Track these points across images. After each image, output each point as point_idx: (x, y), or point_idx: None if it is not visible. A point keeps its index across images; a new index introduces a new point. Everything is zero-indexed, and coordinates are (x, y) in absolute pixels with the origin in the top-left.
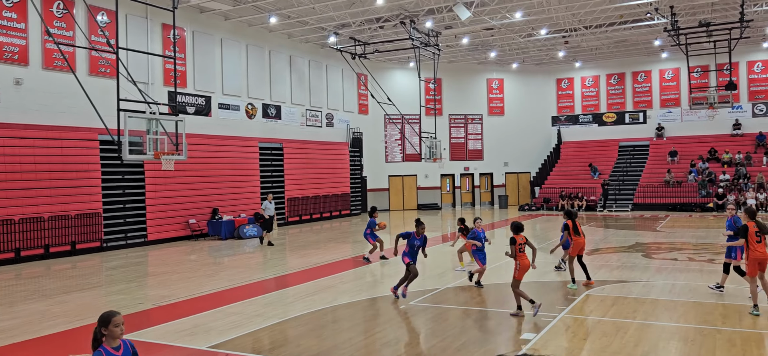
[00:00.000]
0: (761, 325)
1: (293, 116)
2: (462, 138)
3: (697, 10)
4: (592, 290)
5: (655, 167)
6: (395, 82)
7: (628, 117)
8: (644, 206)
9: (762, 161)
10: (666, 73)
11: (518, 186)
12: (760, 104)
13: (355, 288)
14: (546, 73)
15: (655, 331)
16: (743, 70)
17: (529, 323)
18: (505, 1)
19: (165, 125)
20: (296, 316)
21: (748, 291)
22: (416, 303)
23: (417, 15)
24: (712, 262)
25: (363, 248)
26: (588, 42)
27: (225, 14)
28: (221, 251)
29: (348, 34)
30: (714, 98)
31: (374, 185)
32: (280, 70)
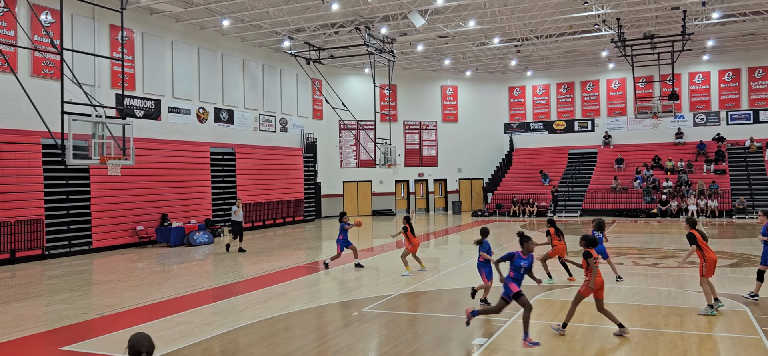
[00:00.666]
0: (702, 327)
1: (246, 120)
2: (416, 144)
3: (642, 22)
4: (542, 294)
5: (603, 173)
6: (350, 88)
7: (577, 125)
8: (592, 212)
9: (702, 169)
10: (613, 83)
11: (471, 192)
12: (701, 114)
13: (307, 295)
14: (498, 81)
15: (601, 334)
16: (685, 82)
17: (481, 328)
18: (459, 10)
19: (112, 128)
20: (247, 324)
21: (689, 294)
22: (369, 310)
23: (372, 21)
24: (655, 266)
25: (317, 255)
26: (539, 51)
27: (176, 16)
28: (170, 259)
29: (303, 39)
30: (658, 107)
31: (328, 191)
32: (233, 74)
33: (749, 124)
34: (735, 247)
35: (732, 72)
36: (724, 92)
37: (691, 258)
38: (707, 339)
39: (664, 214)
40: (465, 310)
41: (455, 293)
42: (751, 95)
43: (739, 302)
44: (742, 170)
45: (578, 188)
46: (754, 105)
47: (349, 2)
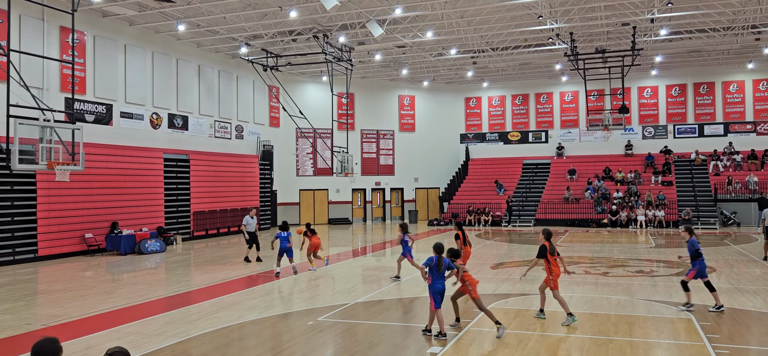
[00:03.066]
0: (649, 334)
1: (201, 127)
2: (374, 153)
3: (594, 37)
4: (497, 303)
5: (556, 184)
6: (308, 96)
7: (531, 136)
8: (545, 222)
9: (651, 180)
10: (566, 95)
11: (428, 201)
12: (650, 127)
13: (262, 304)
14: (455, 91)
15: (554, 342)
16: (635, 95)
17: (438, 337)
18: (417, 21)
19: (60, 133)
20: (199, 335)
21: (638, 302)
22: (324, 319)
23: (330, 30)
24: (606, 275)
25: (272, 263)
26: (495, 63)
27: (130, 20)
28: (120, 267)
29: (260, 46)
30: (609, 120)
31: (285, 198)
32: (188, 79)
33: (695, 137)
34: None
35: (679, 87)
36: (672, 106)
37: (535, 270)
38: (655, 346)
39: (614, 224)
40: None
41: (411, 302)
42: (697, 110)
43: (684, 310)
44: (687, 182)
45: (532, 198)
46: (699, 119)
47: (307, 10)
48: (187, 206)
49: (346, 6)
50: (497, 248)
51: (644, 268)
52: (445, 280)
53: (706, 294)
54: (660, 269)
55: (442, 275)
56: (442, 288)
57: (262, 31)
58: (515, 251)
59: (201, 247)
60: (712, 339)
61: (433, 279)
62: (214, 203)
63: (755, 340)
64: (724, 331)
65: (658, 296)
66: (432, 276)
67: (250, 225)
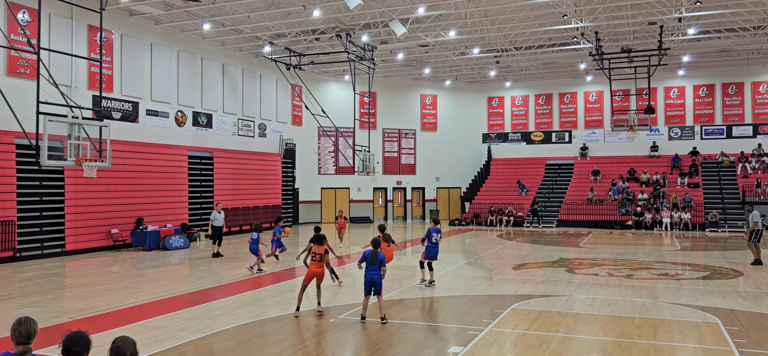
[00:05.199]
0: (674, 338)
1: (225, 125)
2: (395, 152)
3: (620, 36)
4: (518, 304)
5: (579, 185)
6: (330, 95)
7: (554, 136)
8: (568, 223)
9: (677, 182)
10: (590, 95)
11: (449, 201)
12: (676, 128)
13: (283, 302)
14: (478, 91)
15: (576, 344)
16: (661, 96)
17: (457, 336)
18: (440, 20)
19: (88, 130)
20: (222, 330)
21: (662, 305)
22: (345, 317)
23: (353, 29)
24: (630, 277)
25: (293, 261)
26: (518, 63)
27: (156, 19)
28: (145, 263)
29: (283, 45)
30: (634, 120)
31: (306, 197)
32: (213, 77)
33: (722, 139)
34: (707, 260)
35: (706, 88)
36: (699, 107)
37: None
38: (680, 350)
39: (639, 226)
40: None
41: (431, 301)
42: (725, 111)
43: (711, 314)
44: (715, 184)
45: (555, 199)
46: (727, 120)
47: (330, 9)
48: (211, 203)
49: (369, 5)
50: (519, 249)
51: (669, 271)
52: (378, 271)
53: (734, 299)
54: (685, 272)
55: (375, 266)
56: (372, 279)
57: (286, 30)
58: (537, 252)
59: (224, 244)
60: (739, 344)
61: (366, 269)
62: (237, 201)
63: None
64: (752, 336)
65: (684, 299)
66: (365, 266)
67: (218, 220)
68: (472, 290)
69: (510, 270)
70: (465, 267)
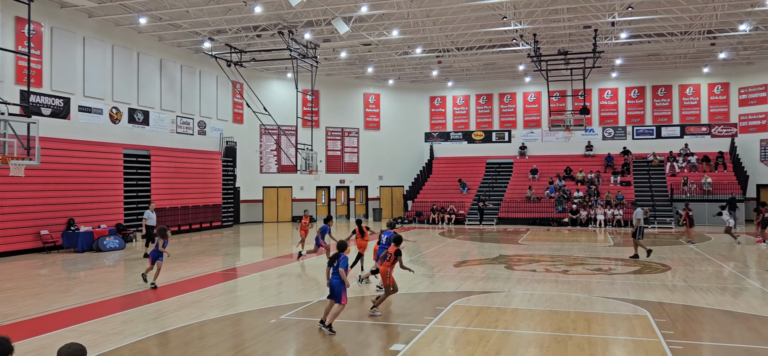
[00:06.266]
0: (607, 331)
1: (163, 122)
2: (338, 151)
3: (557, 39)
4: (459, 300)
5: (518, 183)
6: (272, 92)
7: (494, 136)
8: (508, 221)
9: (610, 180)
10: (529, 96)
11: (392, 199)
12: (609, 128)
13: (224, 303)
14: (420, 90)
15: (514, 339)
16: (595, 97)
17: (400, 334)
18: (383, 19)
19: (15, 126)
20: (159, 333)
21: (596, 299)
22: (288, 317)
23: (296, 26)
24: (566, 273)
25: (234, 261)
26: (460, 63)
27: (89, 11)
28: (77, 265)
29: (223, 41)
30: (570, 121)
31: (248, 196)
32: (149, 73)
33: (652, 139)
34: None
35: (637, 90)
36: (631, 108)
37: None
38: (612, 342)
39: (575, 223)
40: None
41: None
42: (655, 112)
43: (641, 307)
44: (645, 183)
45: (495, 197)
46: (657, 121)
47: (272, 6)
48: (148, 203)
49: (312, 2)
50: (460, 246)
51: (603, 266)
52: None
53: (662, 293)
54: (618, 267)
55: (335, 270)
56: (331, 283)
57: (226, 26)
58: (477, 250)
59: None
60: (667, 335)
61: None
62: (175, 200)
63: (707, 336)
64: (679, 328)
65: (616, 294)
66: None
67: (151, 219)
68: (414, 288)
69: (451, 267)
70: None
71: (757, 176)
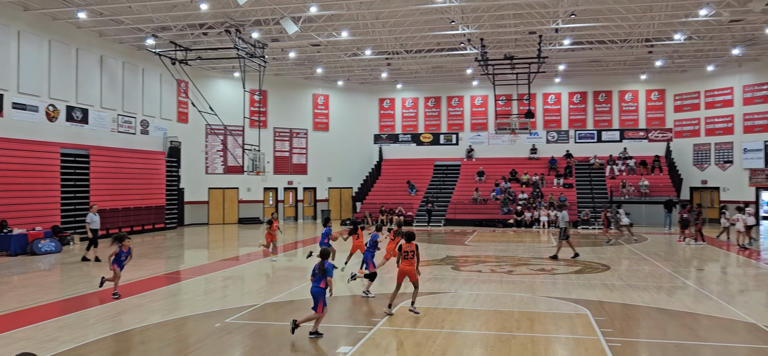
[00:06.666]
0: (550, 330)
1: (103, 120)
2: (286, 152)
3: (504, 44)
4: (407, 301)
5: (465, 185)
6: (218, 92)
7: (442, 138)
8: (455, 222)
9: (553, 183)
10: (476, 99)
11: (341, 201)
12: (553, 132)
13: (167, 307)
14: (370, 92)
15: (460, 339)
16: (540, 101)
17: (347, 336)
18: (332, 20)
19: None
20: (98, 339)
21: (539, 299)
22: (232, 321)
23: (243, 25)
24: (511, 273)
25: (178, 264)
26: (408, 65)
27: (24, 4)
28: (9, 269)
29: (168, 38)
30: (515, 124)
31: (193, 197)
32: (89, 70)
33: (594, 143)
34: (580, 256)
35: (580, 95)
36: (573, 113)
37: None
38: (554, 340)
39: (520, 224)
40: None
41: None
42: (596, 116)
43: (582, 306)
44: (586, 185)
45: (443, 199)
46: (597, 126)
47: (219, 3)
48: (86, 204)
49: (260, 1)
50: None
51: (546, 267)
52: (318, 284)
53: (602, 292)
54: (560, 267)
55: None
56: (314, 291)
57: (171, 23)
58: (425, 251)
59: (101, 247)
60: (606, 333)
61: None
62: (116, 201)
63: (644, 333)
64: (617, 326)
65: (558, 293)
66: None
67: (94, 222)
68: (362, 289)
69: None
70: (355, 267)
71: (690, 179)
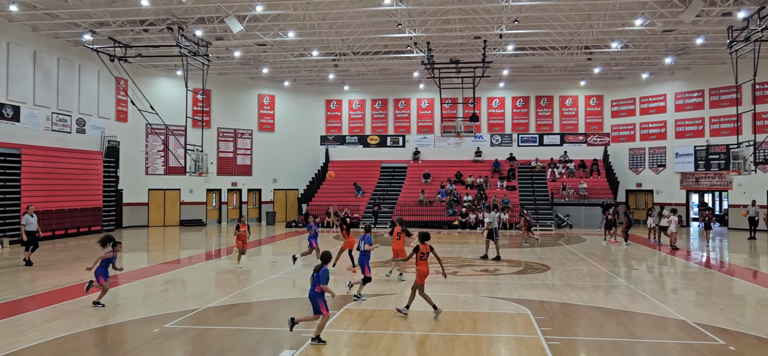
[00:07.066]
0: (492, 330)
1: (36, 119)
2: (231, 153)
3: (450, 48)
4: (352, 304)
5: (412, 187)
6: (160, 90)
7: (389, 140)
8: (401, 224)
9: (497, 185)
10: (423, 102)
11: (286, 203)
12: (497, 135)
13: (104, 312)
14: (316, 93)
15: (405, 341)
16: (484, 105)
17: (290, 339)
18: (279, 20)
19: None
20: (28, 347)
21: (482, 299)
22: (172, 325)
23: (186, 22)
24: (455, 274)
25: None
26: (356, 67)
27: None
28: None
29: (107, 34)
30: (461, 127)
31: (132, 198)
32: (21, 65)
33: (536, 146)
34: (521, 256)
35: (523, 99)
36: (516, 117)
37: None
38: (496, 340)
39: (464, 226)
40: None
41: (265, 305)
42: (538, 121)
43: (523, 306)
44: (529, 187)
45: (389, 201)
46: (539, 130)
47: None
48: (17, 206)
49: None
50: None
51: (489, 267)
52: (313, 287)
53: (542, 291)
54: (503, 268)
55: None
56: (310, 294)
57: (110, 19)
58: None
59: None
60: (546, 332)
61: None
62: (50, 202)
63: (582, 332)
64: (556, 325)
65: (501, 293)
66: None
67: (31, 224)
68: (306, 291)
69: (345, 270)
70: (302, 269)
71: (626, 182)
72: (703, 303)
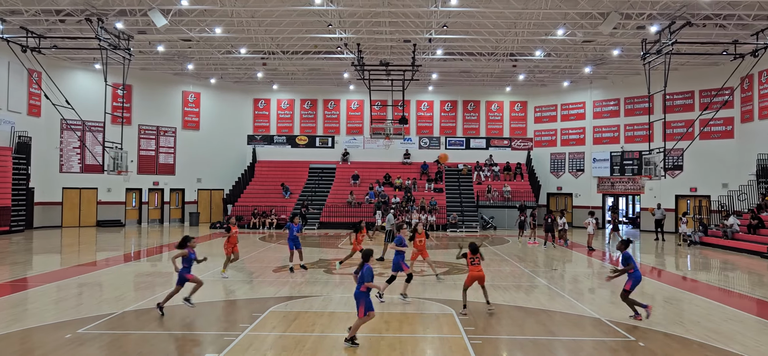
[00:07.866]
0: (417, 330)
1: None
2: (152, 151)
3: (380, 50)
4: (277, 306)
5: (340, 188)
6: (77, 84)
7: (318, 141)
8: (329, 225)
9: (425, 187)
10: (352, 103)
11: (211, 203)
12: (425, 138)
13: (9, 317)
14: (244, 91)
15: (330, 342)
16: (413, 108)
17: (213, 343)
18: (205, 15)
19: None
20: None
21: (407, 301)
22: (86, 331)
23: (106, 14)
24: (382, 276)
25: (25, 270)
26: (285, 66)
27: None
28: None
29: (19, 23)
30: (390, 129)
31: (44, 197)
32: None
33: (462, 149)
34: (447, 257)
35: (450, 103)
36: (444, 120)
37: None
38: (421, 340)
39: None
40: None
41: (188, 308)
42: (465, 125)
43: (448, 306)
44: (455, 190)
45: (317, 202)
46: (466, 133)
47: None
48: None
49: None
50: (282, 252)
51: (416, 268)
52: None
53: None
54: (429, 269)
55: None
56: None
57: (22, 7)
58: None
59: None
60: (469, 331)
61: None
62: None
63: (504, 331)
64: (480, 324)
65: (427, 294)
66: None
67: None
68: (231, 294)
69: (271, 272)
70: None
71: (548, 186)
72: (617, 302)
